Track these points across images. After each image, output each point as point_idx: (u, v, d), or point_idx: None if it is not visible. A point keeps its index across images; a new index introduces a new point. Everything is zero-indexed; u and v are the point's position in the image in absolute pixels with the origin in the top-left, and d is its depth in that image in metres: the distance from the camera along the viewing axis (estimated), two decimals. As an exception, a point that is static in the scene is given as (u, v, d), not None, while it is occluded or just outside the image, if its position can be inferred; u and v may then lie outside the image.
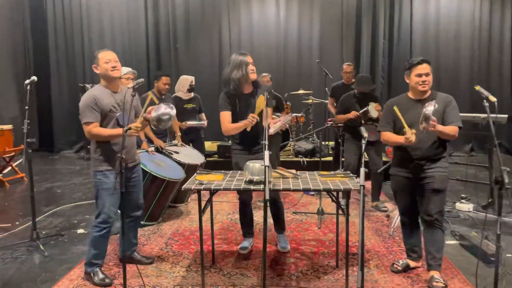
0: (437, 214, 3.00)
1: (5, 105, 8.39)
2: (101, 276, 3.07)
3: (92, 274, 3.08)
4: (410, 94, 3.09)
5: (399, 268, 3.26)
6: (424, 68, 2.94)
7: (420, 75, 2.95)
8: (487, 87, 8.58)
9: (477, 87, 2.50)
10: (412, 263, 3.28)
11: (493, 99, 2.38)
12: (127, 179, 3.15)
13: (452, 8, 8.63)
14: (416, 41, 8.72)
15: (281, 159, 6.33)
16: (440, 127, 2.79)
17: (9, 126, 6.55)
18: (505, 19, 8.56)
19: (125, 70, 4.23)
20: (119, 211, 3.23)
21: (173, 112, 2.99)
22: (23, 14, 9.03)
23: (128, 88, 2.81)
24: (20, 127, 3.81)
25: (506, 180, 2.14)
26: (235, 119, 3.42)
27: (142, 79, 2.89)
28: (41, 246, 3.69)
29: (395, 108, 2.90)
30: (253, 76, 3.37)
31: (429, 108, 2.62)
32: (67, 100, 9.10)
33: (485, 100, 2.41)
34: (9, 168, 6.44)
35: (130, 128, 2.78)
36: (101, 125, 3.00)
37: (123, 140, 2.62)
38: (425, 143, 2.99)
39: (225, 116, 3.42)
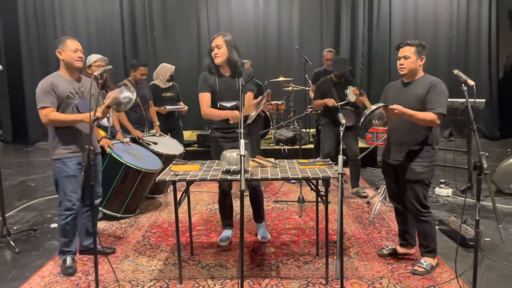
0: (412, 205, 2.98)
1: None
2: (67, 264, 3.08)
3: (62, 262, 3.10)
4: (404, 77, 3.05)
5: (385, 252, 3.27)
6: (402, 51, 2.93)
7: (399, 59, 2.95)
8: (465, 72, 8.65)
9: (456, 71, 2.47)
10: (400, 249, 3.25)
11: (471, 82, 2.34)
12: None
13: (430, -6, 8.62)
14: (395, 27, 8.71)
15: (262, 147, 6.25)
16: (407, 112, 2.76)
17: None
18: (482, 4, 8.60)
19: (96, 57, 4.06)
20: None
21: (134, 95, 2.95)
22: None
23: (95, 74, 2.70)
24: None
25: (485, 165, 2.11)
26: (214, 101, 3.35)
27: (110, 66, 2.81)
28: (11, 242, 3.55)
29: (364, 98, 2.96)
30: (217, 61, 3.27)
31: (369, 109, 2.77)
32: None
33: (463, 84, 2.37)
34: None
35: (97, 118, 2.68)
36: (57, 111, 2.97)
37: (91, 130, 2.53)
38: (400, 128, 2.97)
39: (204, 98, 3.34)
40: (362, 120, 2.86)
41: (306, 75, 6.56)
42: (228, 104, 3.33)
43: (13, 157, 7.54)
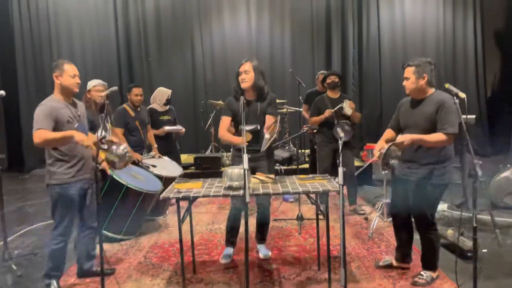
0: (419, 221, 3.03)
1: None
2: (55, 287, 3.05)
3: (47, 286, 3.07)
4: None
5: (381, 264, 3.33)
6: (405, 72, 2.98)
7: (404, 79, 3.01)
8: (447, 91, 8.85)
9: (447, 85, 2.57)
10: (395, 263, 3.31)
11: (462, 95, 2.45)
12: (85, 191, 3.14)
13: (417, 16, 8.91)
14: (385, 48, 8.94)
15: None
16: (416, 138, 2.79)
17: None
18: (468, 24, 8.88)
19: (95, 82, 4.15)
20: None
21: (127, 149, 2.94)
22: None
23: (102, 95, 2.77)
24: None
25: (479, 173, 2.19)
26: (236, 124, 3.46)
27: (115, 87, 2.87)
28: (13, 266, 3.54)
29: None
30: (244, 85, 3.36)
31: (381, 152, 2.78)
32: (37, 117, 8.83)
33: (455, 97, 2.48)
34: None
35: (104, 137, 2.74)
36: None
37: (98, 149, 2.58)
38: (410, 146, 2.97)
39: (224, 121, 3.46)
40: (381, 166, 2.83)
41: (300, 97, 6.70)
42: (248, 128, 3.36)
43: (9, 184, 7.50)
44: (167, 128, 5.39)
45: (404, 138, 2.81)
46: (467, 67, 8.96)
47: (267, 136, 3.14)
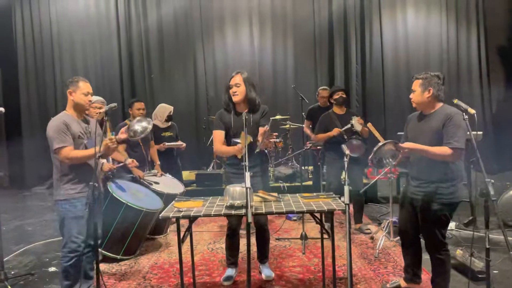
0: (429, 242, 2.90)
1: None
2: None
3: None
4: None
5: (388, 286, 3.20)
6: (413, 85, 2.93)
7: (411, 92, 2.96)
8: (456, 107, 8.75)
9: (455, 101, 2.50)
10: (404, 284, 3.18)
11: (472, 111, 2.38)
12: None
13: (420, 31, 8.89)
14: (388, 64, 8.91)
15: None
16: (419, 148, 2.73)
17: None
18: (471, 40, 8.85)
19: (94, 98, 4.09)
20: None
21: (150, 125, 3.03)
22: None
23: (100, 112, 2.73)
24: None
25: (492, 192, 2.10)
26: (228, 137, 3.41)
27: (115, 104, 2.83)
28: (9, 287, 3.44)
29: (369, 125, 2.95)
30: (235, 99, 3.33)
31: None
32: (39, 132, 8.76)
33: (464, 113, 2.40)
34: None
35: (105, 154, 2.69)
36: None
37: (95, 168, 2.50)
38: (418, 163, 2.91)
39: (217, 135, 3.40)
40: (371, 156, 2.81)
41: (303, 113, 6.64)
42: (239, 140, 3.34)
43: (10, 201, 7.43)
44: (167, 144, 5.34)
45: (407, 145, 2.75)
46: (472, 83, 8.89)
47: (259, 141, 3.14)
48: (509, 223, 4.77)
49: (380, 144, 2.76)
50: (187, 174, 7.42)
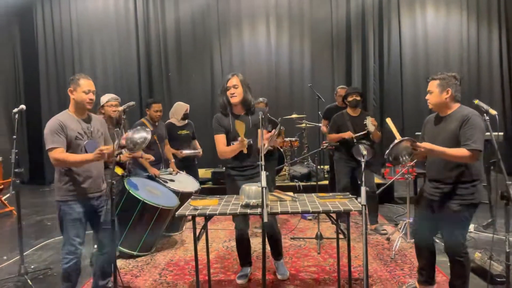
0: (448, 245, 2.84)
1: (-5, 137, 8.27)
2: None
3: None
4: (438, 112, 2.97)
5: None
6: (429, 86, 2.89)
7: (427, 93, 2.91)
8: (478, 108, 8.57)
9: (476, 101, 2.46)
10: (418, 286, 3.15)
11: (493, 112, 2.33)
12: (95, 209, 3.07)
13: (440, 30, 8.77)
14: (406, 63, 8.82)
15: (276, 183, 6.23)
16: (436, 149, 2.68)
17: (-2, 158, 6.43)
18: (493, 39, 8.69)
19: (108, 97, 4.13)
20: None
21: (149, 135, 2.94)
22: (13, 42, 9.00)
23: (118, 110, 2.74)
24: (10, 159, 3.69)
25: (513, 195, 2.06)
26: (228, 140, 3.37)
27: (133, 102, 2.83)
28: (29, 281, 3.51)
29: (388, 120, 2.91)
30: (233, 100, 3.32)
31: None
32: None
33: (485, 114, 2.36)
34: (-2, 201, 6.27)
35: (121, 152, 2.69)
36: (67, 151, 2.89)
37: (114, 165, 2.53)
38: (435, 163, 2.87)
39: (219, 139, 3.37)
40: (387, 152, 2.76)
41: (319, 112, 6.61)
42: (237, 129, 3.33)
43: (30, 197, 7.59)
44: (185, 152, 5.34)
45: (425, 144, 2.69)
46: (493, 82, 8.72)
47: (266, 144, 3.09)
48: (530, 226, 4.67)
49: (396, 141, 2.71)
50: (203, 172, 7.47)
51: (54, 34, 9.07)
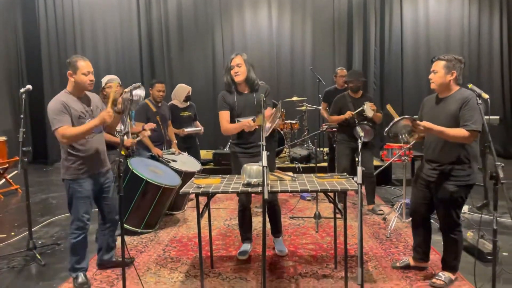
0: (443, 222, 2.99)
1: (-1, 117, 8.35)
2: (80, 280, 3.10)
3: (74, 278, 3.13)
4: (437, 93, 3.04)
5: (398, 265, 3.32)
6: (433, 66, 2.94)
7: (431, 73, 2.97)
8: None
9: (470, 85, 2.54)
10: (412, 262, 3.29)
11: (485, 96, 2.42)
12: (101, 185, 3.21)
13: (441, 15, 8.77)
14: (407, 47, 8.84)
15: (276, 165, 6.34)
16: (435, 128, 2.77)
17: (3, 138, 6.53)
18: (494, 24, 8.70)
19: (108, 77, 4.22)
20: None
21: (143, 93, 2.96)
22: (15, 23, 9.00)
23: (126, 91, 2.83)
24: (13, 139, 3.80)
25: (501, 175, 2.17)
26: (232, 118, 3.49)
27: (138, 83, 2.90)
28: (37, 255, 3.66)
29: (388, 106, 2.98)
30: (237, 79, 3.43)
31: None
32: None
33: (478, 98, 2.45)
34: (3, 180, 6.39)
35: (127, 132, 2.80)
36: None
37: (121, 143, 2.63)
38: (432, 144, 2.97)
39: (224, 115, 3.49)
40: (387, 129, 2.85)
41: (320, 95, 6.68)
42: (245, 120, 3.44)
43: (34, 176, 7.72)
44: (186, 130, 5.46)
45: (424, 123, 2.78)
46: (492, 67, 8.77)
47: (268, 125, 3.17)
48: (522, 208, 4.80)
49: (397, 118, 2.80)
50: (204, 153, 7.59)
51: (56, 14, 9.05)
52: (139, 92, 2.96)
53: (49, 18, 9.05)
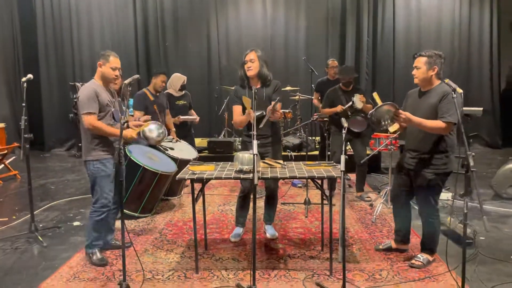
0: (421, 207, 3.22)
1: (-4, 104, 8.45)
2: (99, 256, 3.36)
3: (91, 255, 3.37)
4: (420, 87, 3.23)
5: (381, 247, 3.53)
6: (415, 62, 3.12)
7: (414, 68, 3.15)
8: (467, 83, 8.79)
9: (446, 80, 2.72)
10: (394, 245, 3.51)
11: (459, 90, 2.60)
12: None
13: (433, 6, 8.91)
14: (399, 38, 8.99)
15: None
16: (414, 119, 2.96)
17: (2, 125, 6.66)
18: (484, 16, 8.86)
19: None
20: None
21: (165, 131, 3.46)
22: (12, 12, 9.04)
23: (125, 83, 3.00)
24: (11, 126, 3.97)
25: (471, 164, 2.37)
26: (245, 112, 3.62)
27: (137, 75, 3.08)
28: (39, 237, 3.84)
29: (375, 94, 3.16)
30: (250, 73, 3.58)
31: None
32: (57, 98, 9.14)
33: (453, 92, 2.64)
34: (2, 165, 6.53)
35: (127, 121, 2.98)
36: (98, 116, 3.25)
37: (121, 132, 2.79)
38: (413, 134, 3.17)
39: (236, 110, 3.69)
40: (370, 113, 3.04)
41: (312, 85, 6.85)
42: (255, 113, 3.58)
43: (32, 162, 7.75)
44: (182, 117, 5.61)
45: (406, 114, 2.97)
46: (482, 59, 8.96)
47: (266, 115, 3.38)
48: (503, 195, 5.04)
49: (380, 104, 3.00)
50: (199, 142, 7.75)
51: (52, 3, 9.07)
52: (162, 131, 3.80)
53: (45, 5, 9.07)
